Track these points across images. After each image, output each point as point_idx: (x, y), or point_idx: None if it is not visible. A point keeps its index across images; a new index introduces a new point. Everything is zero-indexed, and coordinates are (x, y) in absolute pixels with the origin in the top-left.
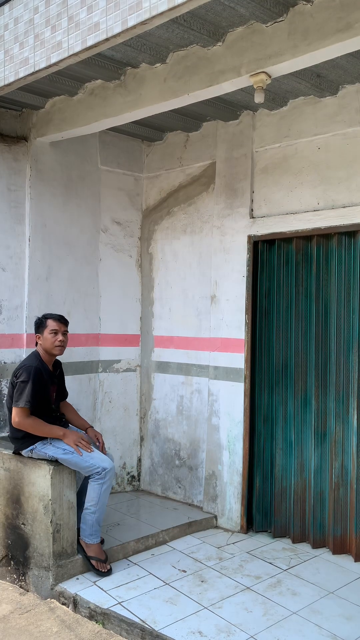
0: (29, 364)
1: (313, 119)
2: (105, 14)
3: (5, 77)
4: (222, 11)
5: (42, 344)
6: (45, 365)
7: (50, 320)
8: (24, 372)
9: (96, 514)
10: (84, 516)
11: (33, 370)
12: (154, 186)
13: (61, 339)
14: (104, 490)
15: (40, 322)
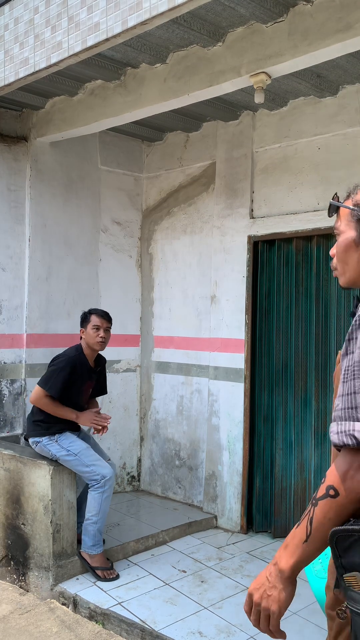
0: (69, 354)
1: (313, 119)
2: (106, 14)
3: (5, 77)
4: (222, 11)
5: (84, 338)
6: (85, 359)
7: (94, 315)
8: (60, 360)
9: (98, 524)
10: (86, 527)
11: (69, 360)
12: (154, 186)
13: (103, 335)
14: (104, 499)
15: (85, 316)
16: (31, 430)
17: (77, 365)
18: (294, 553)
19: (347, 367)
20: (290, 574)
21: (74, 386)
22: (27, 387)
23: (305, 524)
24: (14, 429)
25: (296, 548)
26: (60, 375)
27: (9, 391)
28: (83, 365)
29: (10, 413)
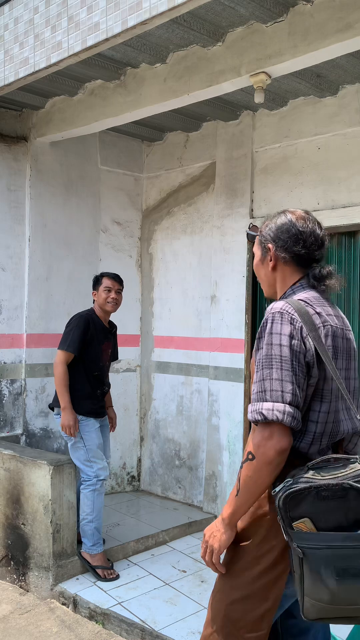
0: (79, 313)
1: (313, 119)
2: (105, 14)
3: (5, 77)
4: (222, 11)
5: (96, 300)
6: (98, 318)
7: (106, 278)
8: (72, 320)
9: (94, 522)
10: (83, 528)
11: (81, 318)
12: (154, 186)
13: (114, 296)
14: (96, 497)
15: (97, 279)
16: (55, 400)
17: (91, 323)
18: (230, 505)
19: (258, 360)
20: (229, 521)
21: (92, 344)
22: (27, 387)
23: (236, 481)
24: (14, 429)
25: (231, 501)
26: (75, 332)
27: (9, 391)
28: (97, 324)
29: (10, 413)
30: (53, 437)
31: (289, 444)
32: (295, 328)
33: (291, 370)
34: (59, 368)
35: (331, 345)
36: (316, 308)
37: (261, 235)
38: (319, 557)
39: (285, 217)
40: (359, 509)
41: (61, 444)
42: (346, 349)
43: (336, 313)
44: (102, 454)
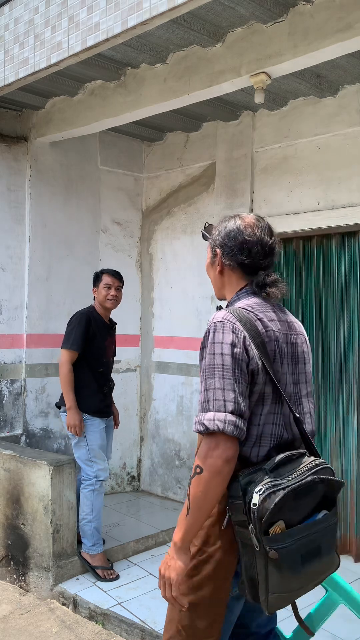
0: (80, 311)
1: (313, 119)
2: (106, 15)
3: (5, 77)
4: (222, 11)
5: (96, 296)
6: (98, 315)
7: (106, 274)
8: (72, 318)
9: (94, 522)
10: (82, 528)
11: (82, 315)
12: (154, 186)
13: (114, 293)
14: (96, 497)
15: (97, 276)
16: (61, 398)
17: (92, 319)
18: (181, 527)
19: (202, 370)
20: (181, 544)
21: (95, 341)
22: (27, 387)
23: (186, 501)
24: (14, 429)
25: (182, 522)
26: (77, 330)
27: (9, 391)
28: (98, 320)
29: (10, 413)
30: (53, 437)
31: (235, 453)
32: (238, 337)
33: (233, 379)
34: (63, 368)
35: (275, 350)
36: (258, 314)
37: (211, 238)
38: (291, 551)
39: (235, 223)
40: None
41: (61, 444)
42: (292, 354)
43: (281, 318)
44: (103, 455)
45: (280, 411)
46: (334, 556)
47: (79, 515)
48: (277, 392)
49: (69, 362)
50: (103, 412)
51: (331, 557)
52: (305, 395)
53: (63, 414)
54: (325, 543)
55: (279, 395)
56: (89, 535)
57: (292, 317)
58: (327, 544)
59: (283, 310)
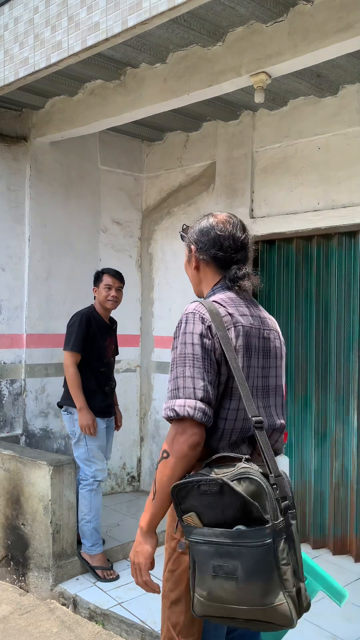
0: (80, 311)
1: (313, 119)
2: (105, 14)
3: (5, 77)
4: (222, 11)
5: (96, 296)
6: (99, 315)
7: (106, 275)
8: (72, 318)
9: (92, 522)
10: (81, 528)
11: (82, 316)
12: (154, 186)
13: (114, 294)
14: (94, 497)
15: (97, 276)
16: (68, 398)
17: (92, 319)
18: (147, 511)
19: (172, 359)
20: (147, 528)
21: (96, 341)
22: (27, 387)
23: (152, 485)
24: (14, 429)
25: (148, 507)
26: (77, 331)
27: (8, 391)
28: (98, 321)
29: (10, 413)
30: (53, 438)
31: (201, 439)
32: (206, 327)
33: (202, 367)
34: (70, 370)
35: (242, 344)
36: (229, 309)
37: (186, 237)
38: (200, 551)
39: (207, 220)
40: (233, 506)
41: (61, 444)
42: (263, 348)
43: (253, 313)
44: (102, 455)
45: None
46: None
47: (78, 515)
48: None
49: (74, 364)
50: (104, 412)
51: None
52: (273, 388)
53: (65, 413)
54: (243, 567)
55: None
56: (88, 535)
57: (265, 313)
58: (246, 570)
59: (256, 305)
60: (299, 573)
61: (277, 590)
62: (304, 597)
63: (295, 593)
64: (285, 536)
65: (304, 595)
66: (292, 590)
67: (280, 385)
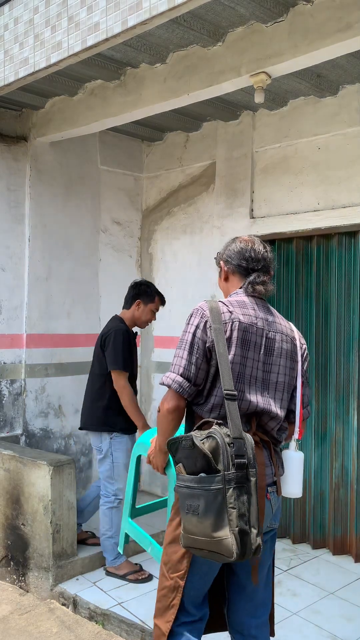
0: (115, 327)
1: (313, 119)
2: (105, 14)
3: (5, 77)
4: (222, 11)
5: (137, 311)
6: (129, 329)
7: (158, 299)
8: (114, 337)
9: (114, 538)
10: (103, 543)
11: (122, 333)
12: (154, 186)
13: (154, 320)
14: (114, 513)
15: (149, 293)
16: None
17: (128, 333)
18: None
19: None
20: (159, 449)
21: (132, 356)
22: (27, 388)
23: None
24: (14, 429)
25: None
26: (123, 348)
27: (8, 391)
28: (129, 333)
29: (10, 413)
30: (53, 438)
31: (178, 405)
32: (204, 321)
33: (189, 351)
34: (126, 390)
35: (238, 337)
36: (230, 307)
37: (218, 257)
38: (181, 493)
39: (234, 242)
40: (201, 458)
41: (61, 445)
42: (265, 346)
43: (259, 315)
44: (126, 474)
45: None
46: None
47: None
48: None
49: (127, 384)
50: (132, 428)
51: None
52: (274, 383)
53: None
54: (203, 505)
55: (242, 376)
56: (109, 550)
57: (280, 319)
58: (202, 508)
59: (268, 310)
60: (248, 519)
61: (224, 526)
62: (252, 540)
63: (238, 533)
64: (235, 485)
65: (252, 538)
66: (236, 530)
67: (286, 383)
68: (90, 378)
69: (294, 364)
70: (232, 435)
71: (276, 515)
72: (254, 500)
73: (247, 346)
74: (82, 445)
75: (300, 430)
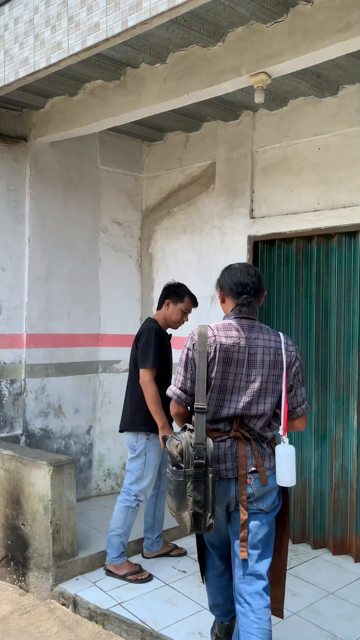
0: (149, 326)
1: (313, 119)
2: (105, 14)
3: (5, 77)
4: (222, 11)
5: (168, 311)
6: (162, 329)
7: (188, 299)
8: (147, 336)
9: (122, 537)
10: (109, 539)
11: (154, 331)
12: (154, 186)
13: (185, 320)
14: (130, 514)
15: (179, 293)
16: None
17: (161, 334)
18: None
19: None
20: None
21: (165, 355)
22: (27, 387)
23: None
24: (14, 429)
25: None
26: (154, 346)
27: (8, 391)
28: (162, 333)
29: (10, 413)
30: (53, 438)
31: (178, 411)
32: (192, 344)
33: (185, 368)
34: (150, 387)
35: (220, 357)
36: (215, 332)
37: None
38: (167, 478)
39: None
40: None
41: (61, 445)
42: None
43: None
44: (154, 476)
45: (225, 398)
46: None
47: (110, 525)
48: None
49: (153, 381)
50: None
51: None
52: (258, 390)
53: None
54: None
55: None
56: (114, 547)
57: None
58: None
59: (252, 329)
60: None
61: (184, 508)
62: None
63: (192, 514)
64: (194, 479)
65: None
66: (191, 512)
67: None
68: (129, 381)
69: (280, 371)
70: (194, 442)
71: (265, 499)
72: (209, 490)
73: (229, 363)
74: (82, 445)
75: (284, 427)
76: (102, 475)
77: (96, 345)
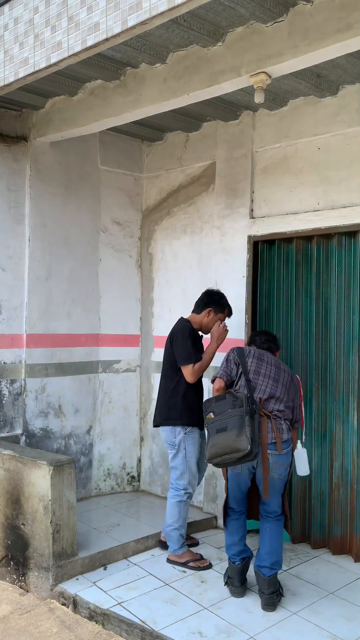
0: (185, 326)
1: (313, 119)
2: (105, 14)
3: (5, 77)
4: (222, 11)
5: (206, 318)
6: (196, 331)
7: (227, 310)
8: (182, 332)
9: (180, 530)
10: (169, 533)
11: (187, 329)
12: (154, 186)
13: None
14: (183, 506)
15: (221, 304)
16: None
17: (194, 331)
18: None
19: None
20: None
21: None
22: (27, 387)
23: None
24: (14, 429)
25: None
26: (189, 343)
27: (8, 391)
28: (196, 332)
29: (10, 413)
30: (53, 438)
31: (220, 386)
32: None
33: (227, 364)
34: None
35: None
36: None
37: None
38: (212, 427)
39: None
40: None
41: (61, 445)
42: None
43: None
44: (196, 469)
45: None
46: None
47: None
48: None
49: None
50: (202, 423)
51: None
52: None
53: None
54: (230, 425)
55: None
56: (175, 540)
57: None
58: (231, 425)
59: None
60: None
61: (242, 435)
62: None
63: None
64: (249, 416)
65: (255, 445)
66: (249, 437)
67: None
68: (162, 380)
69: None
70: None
71: (278, 467)
72: (256, 423)
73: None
74: (82, 445)
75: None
76: (102, 475)
77: (96, 345)
